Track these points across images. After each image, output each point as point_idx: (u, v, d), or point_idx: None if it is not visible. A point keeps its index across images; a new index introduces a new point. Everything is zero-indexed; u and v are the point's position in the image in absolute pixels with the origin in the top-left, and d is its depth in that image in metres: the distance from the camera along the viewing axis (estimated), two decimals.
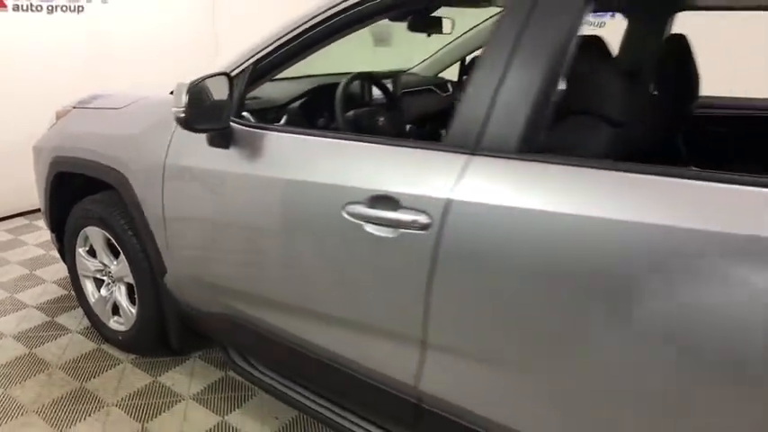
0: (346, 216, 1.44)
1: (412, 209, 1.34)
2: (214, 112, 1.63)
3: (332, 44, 1.70)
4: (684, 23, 2.14)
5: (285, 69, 1.79)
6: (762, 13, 2.19)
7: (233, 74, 1.74)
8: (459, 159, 1.30)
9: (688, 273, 1.02)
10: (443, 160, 1.33)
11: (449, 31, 2.45)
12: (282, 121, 2.13)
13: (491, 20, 2.58)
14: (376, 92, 2.46)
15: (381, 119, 2.11)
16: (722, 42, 2.57)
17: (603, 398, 1.17)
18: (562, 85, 1.27)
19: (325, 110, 2.14)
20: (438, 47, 3.03)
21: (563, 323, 1.18)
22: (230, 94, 1.67)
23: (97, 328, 2.51)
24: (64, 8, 3.83)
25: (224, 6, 4.64)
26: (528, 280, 1.21)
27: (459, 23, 2.70)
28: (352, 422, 1.71)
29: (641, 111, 1.68)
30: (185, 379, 2.27)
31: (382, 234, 1.39)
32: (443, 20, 2.37)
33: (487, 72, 1.31)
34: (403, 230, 1.35)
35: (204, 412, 2.09)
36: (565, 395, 1.22)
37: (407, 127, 2.52)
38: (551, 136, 1.49)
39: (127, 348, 2.41)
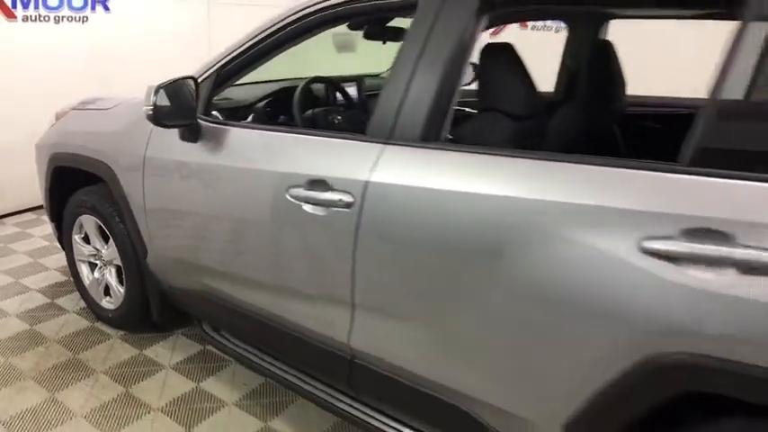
0: (289, 198, 1.69)
1: (339, 190, 1.58)
2: (181, 111, 1.89)
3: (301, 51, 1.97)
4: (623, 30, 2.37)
5: (245, 74, 2.05)
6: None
7: (201, 78, 2.01)
8: (376, 148, 1.55)
9: (554, 237, 1.25)
10: (364, 148, 1.58)
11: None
12: (249, 119, 2.39)
13: None
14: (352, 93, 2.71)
15: (339, 117, 2.36)
16: (657, 46, 2.78)
17: (492, 340, 1.40)
18: (475, 86, 1.51)
19: (287, 109, 2.39)
20: None
21: (457, 283, 1.41)
22: (196, 96, 1.93)
23: (91, 307, 2.78)
24: (69, 18, 4.13)
25: (218, 16, 4.95)
26: (430, 248, 1.45)
27: None
28: (312, 385, 1.95)
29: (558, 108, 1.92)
30: (167, 352, 2.53)
31: (317, 212, 1.63)
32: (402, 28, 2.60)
33: (399, 74, 1.55)
34: (332, 209, 1.60)
35: (182, 379, 2.35)
36: (460, 342, 1.46)
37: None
38: (466, 127, 1.74)
39: (116, 325, 2.67)
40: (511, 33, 4.15)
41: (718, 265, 1.07)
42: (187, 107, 1.89)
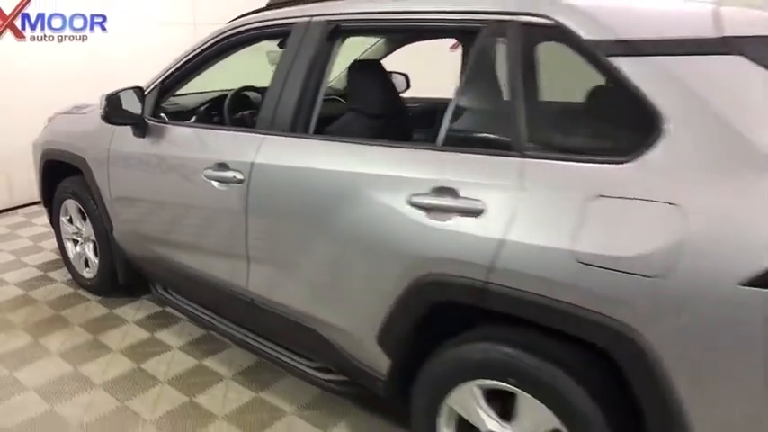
0: (204, 178, 2.24)
1: (234, 170, 2.12)
2: (129, 112, 2.45)
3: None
4: None
5: (184, 84, 2.62)
6: None
7: (149, 88, 2.58)
8: (260, 137, 2.09)
9: (359, 197, 1.76)
10: (252, 138, 2.12)
11: None
12: (192, 120, 2.94)
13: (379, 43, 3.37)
14: None
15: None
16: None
17: (328, 276, 1.92)
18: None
19: (221, 112, 2.94)
20: None
21: (309, 235, 1.94)
22: (142, 101, 2.49)
23: (75, 278, 3.36)
24: (71, 38, 4.78)
25: (202, 36, 5.56)
26: (294, 210, 1.98)
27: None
28: (232, 328, 2.48)
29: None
30: (133, 311, 3.09)
31: (221, 188, 2.18)
32: None
33: (276, 82, 2.10)
34: (230, 184, 2.14)
35: (141, 331, 2.90)
36: (311, 278, 1.98)
37: None
38: (336, 123, 2.28)
39: (94, 291, 3.25)
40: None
41: (449, 211, 1.58)
42: (133, 109, 2.46)
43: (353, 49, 3.13)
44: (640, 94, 1.35)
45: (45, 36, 4.65)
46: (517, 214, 1.47)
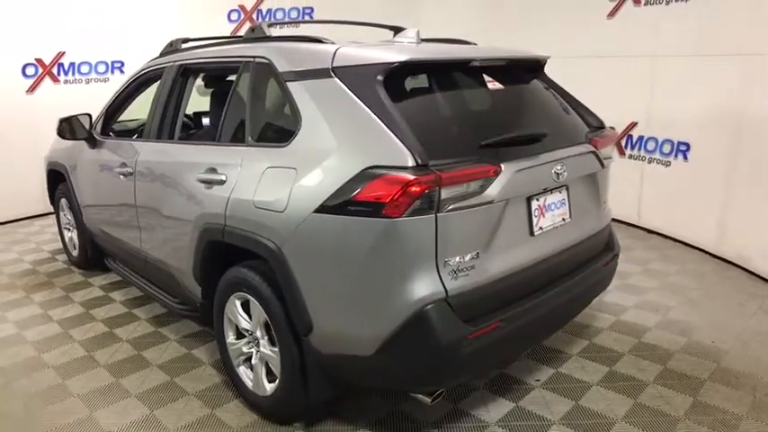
0: (117, 172, 3.27)
1: (127, 165, 3.14)
2: (80, 131, 3.55)
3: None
4: None
5: (124, 109, 3.69)
6: None
7: (99, 113, 3.68)
8: (143, 143, 3.10)
9: (165, 175, 2.71)
10: (142, 143, 3.13)
11: None
12: (134, 137, 4.01)
13: None
14: None
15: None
16: None
17: (164, 231, 2.86)
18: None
19: None
20: None
21: (158, 204, 2.89)
22: (90, 123, 3.59)
23: (68, 257, 4.53)
24: (96, 80, 6.11)
25: None
26: (154, 190, 2.94)
27: None
28: (141, 281, 3.47)
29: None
30: (100, 279, 4.17)
31: (123, 179, 3.20)
32: None
33: (155, 104, 3.10)
34: (127, 176, 3.15)
35: (100, 291, 3.96)
36: (160, 233, 2.92)
37: None
38: (203, 130, 3.25)
39: (78, 266, 4.38)
40: None
41: (212, 183, 2.48)
42: (83, 129, 3.55)
43: None
44: (294, 105, 2.21)
45: (75, 80, 6.00)
46: (237, 182, 2.35)
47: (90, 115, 3.63)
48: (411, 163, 1.82)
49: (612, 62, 4.99)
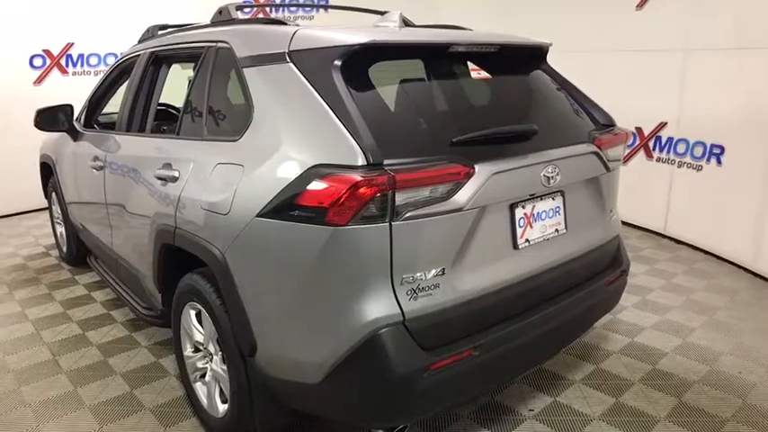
0: (90, 165, 3.08)
1: (99, 159, 2.94)
2: (58, 122, 3.38)
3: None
4: None
5: (106, 100, 3.51)
6: None
7: (82, 105, 3.51)
8: (114, 136, 2.89)
9: (134, 170, 2.50)
10: (111, 136, 2.93)
11: None
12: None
13: None
14: None
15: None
16: None
17: (136, 233, 2.65)
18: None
19: None
20: None
21: (127, 201, 2.68)
22: (71, 115, 3.42)
23: (59, 252, 4.40)
24: (103, 71, 6.00)
25: None
26: (120, 185, 2.74)
27: None
28: (115, 282, 3.29)
29: None
30: (87, 278, 4.01)
31: (95, 172, 3.01)
32: None
33: (126, 91, 2.89)
34: (99, 169, 2.96)
35: (83, 290, 3.80)
36: (130, 236, 2.72)
37: None
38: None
39: (67, 262, 4.25)
40: None
41: (167, 179, 2.24)
42: (64, 121, 3.39)
43: None
44: (247, 93, 1.95)
45: (84, 71, 5.92)
46: (188, 178, 2.12)
47: (71, 106, 3.46)
48: (361, 162, 1.54)
49: (641, 57, 4.58)
